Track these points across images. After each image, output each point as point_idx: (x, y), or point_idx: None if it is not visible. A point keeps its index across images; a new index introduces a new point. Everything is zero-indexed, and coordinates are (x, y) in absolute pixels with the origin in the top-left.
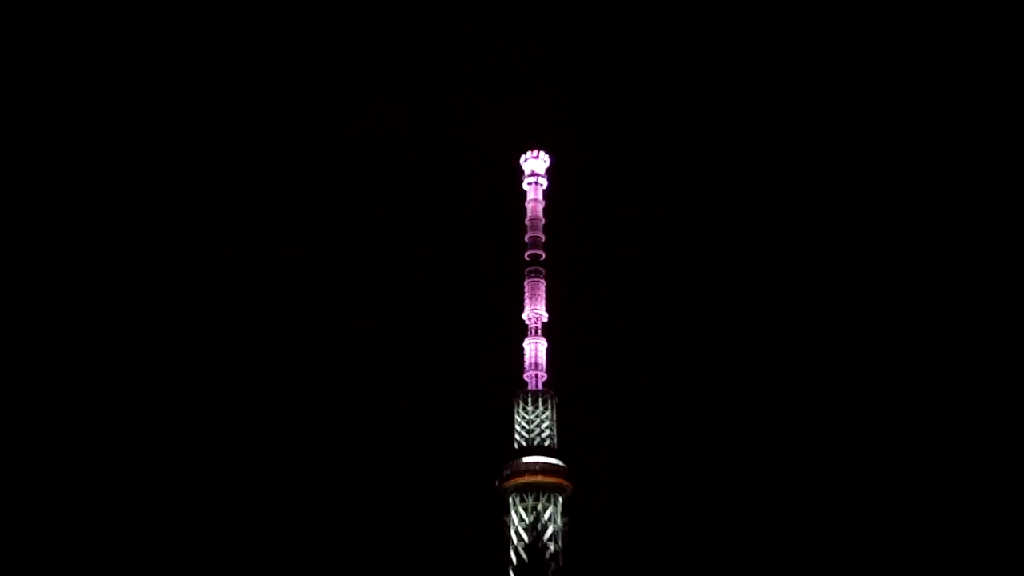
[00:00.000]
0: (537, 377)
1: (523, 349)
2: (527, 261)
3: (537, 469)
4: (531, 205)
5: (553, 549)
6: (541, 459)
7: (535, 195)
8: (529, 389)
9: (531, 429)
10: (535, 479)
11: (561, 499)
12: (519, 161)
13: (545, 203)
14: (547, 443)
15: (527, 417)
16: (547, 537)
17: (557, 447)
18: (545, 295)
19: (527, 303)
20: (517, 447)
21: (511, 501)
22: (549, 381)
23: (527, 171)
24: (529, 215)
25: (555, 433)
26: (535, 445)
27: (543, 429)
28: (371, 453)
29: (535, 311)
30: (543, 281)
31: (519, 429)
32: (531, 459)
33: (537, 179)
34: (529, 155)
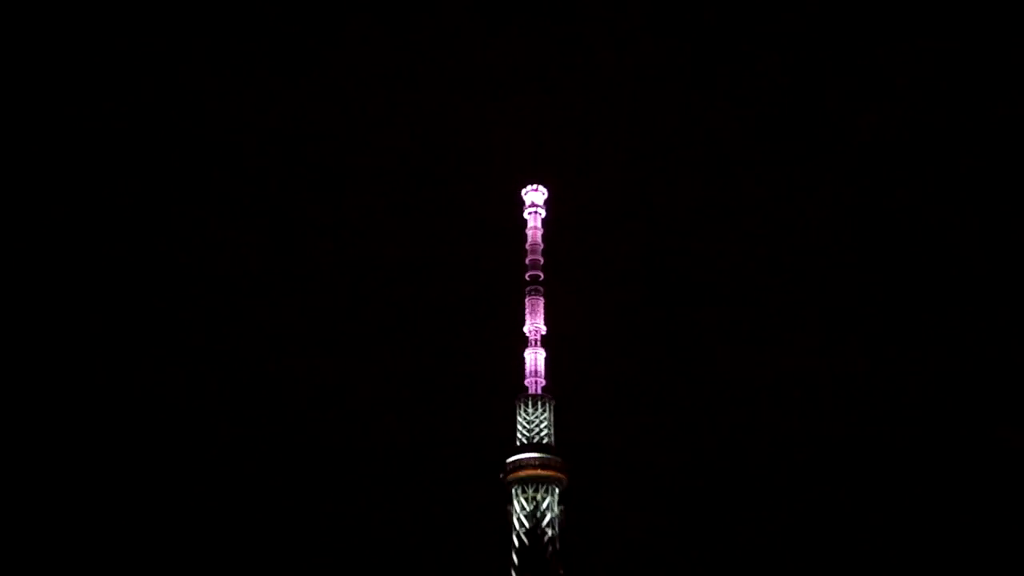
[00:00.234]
0: (536, 383)
1: (524, 358)
2: (528, 281)
3: (536, 464)
4: (531, 232)
5: (551, 534)
6: (540, 455)
7: (535, 223)
8: (529, 393)
9: (531, 429)
10: (535, 473)
11: (558, 490)
12: (521, 193)
13: (543, 230)
14: (545, 441)
15: (528, 418)
16: (545, 524)
17: (554, 444)
18: (544, 310)
19: (528, 318)
20: (519, 444)
21: (514, 492)
22: (547, 386)
23: (527, 202)
24: (529, 240)
25: (553, 432)
26: (535, 443)
27: (542, 429)
28: (389, 452)
29: (535, 325)
30: (542, 298)
31: (521, 429)
32: (531, 455)
33: (536, 209)
34: (529, 188)
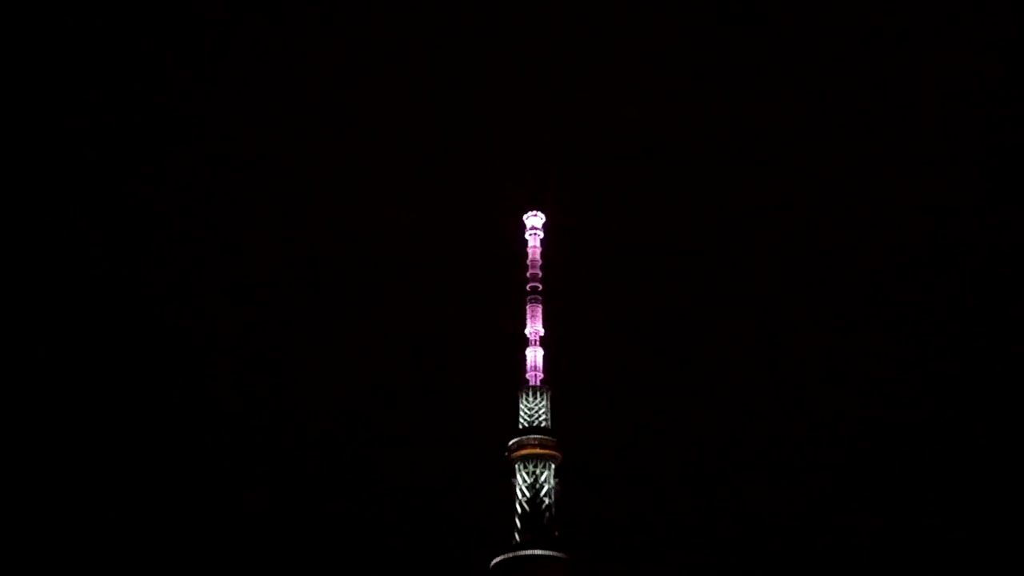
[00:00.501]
0: (536, 376)
1: (525, 356)
2: (528, 291)
3: (536, 444)
4: (531, 250)
5: (547, 503)
6: (539, 436)
7: (534, 243)
8: (530, 385)
9: (532, 414)
10: (534, 451)
11: (554, 466)
12: (522, 218)
13: (541, 248)
14: (543, 424)
15: (528, 405)
16: (543, 494)
17: (551, 427)
18: (542, 316)
19: (528, 322)
20: (521, 428)
21: (516, 468)
22: (545, 379)
23: (528, 225)
24: (530, 257)
25: (550, 417)
26: (534, 426)
27: (540, 414)
28: (409, 434)
29: (534, 328)
30: (540, 305)
31: (522, 414)
32: (531, 436)
33: (536, 231)
34: (530, 214)
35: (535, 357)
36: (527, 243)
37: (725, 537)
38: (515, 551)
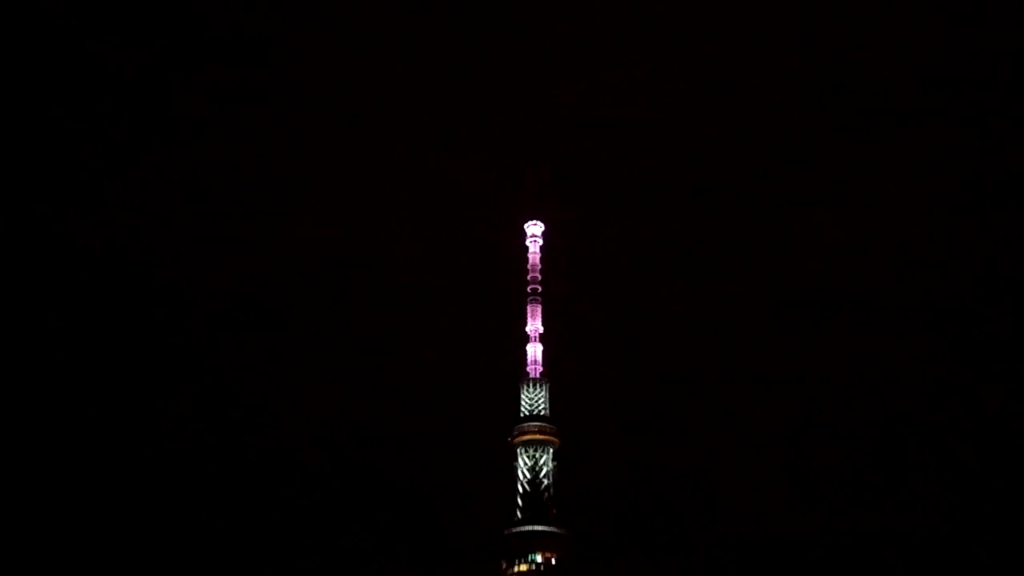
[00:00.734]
0: (536, 369)
1: (526, 351)
2: (528, 293)
3: (536, 430)
4: (531, 256)
5: (546, 483)
6: (538, 424)
7: (534, 249)
8: (530, 377)
9: (532, 403)
10: (534, 437)
11: (552, 450)
12: (523, 226)
13: (541, 254)
14: (542, 413)
15: (529, 396)
16: (542, 475)
17: (549, 415)
18: (541, 315)
19: (529, 320)
20: (522, 416)
21: (518, 452)
22: (544, 372)
23: (528, 233)
24: (530, 262)
25: (548, 406)
26: (534, 414)
27: (540, 403)
28: (421, 423)
29: (534, 326)
30: (539, 305)
31: (524, 404)
32: (532, 424)
33: (535, 238)
34: (530, 223)
35: (535, 352)
36: (527, 249)
37: (710, 516)
38: (517, 526)
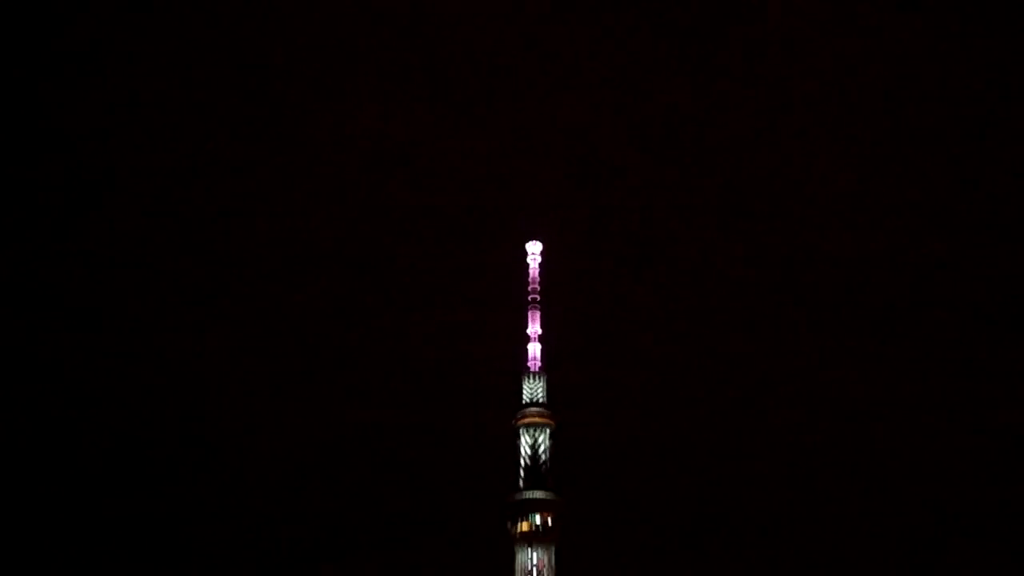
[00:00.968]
0: (535, 364)
1: (527, 349)
2: (529, 300)
3: (535, 414)
4: (531, 270)
5: (544, 459)
6: (537, 409)
7: (534, 264)
8: (531, 371)
9: (532, 392)
10: (534, 420)
11: (548, 430)
12: (525, 246)
13: (540, 269)
14: (541, 400)
15: (530, 386)
16: (540, 451)
17: (546, 402)
18: (540, 319)
19: (529, 323)
20: (524, 403)
21: (520, 432)
22: (542, 367)
23: (529, 251)
24: (530, 276)
25: (545, 394)
26: (534, 401)
27: (538, 392)
28: (433, 410)
29: (534, 328)
30: (538, 311)
31: (525, 393)
32: (532, 409)
33: (535, 255)
34: (531, 242)
35: (535, 350)
36: (528, 265)
37: (688, 486)
38: (520, 493)
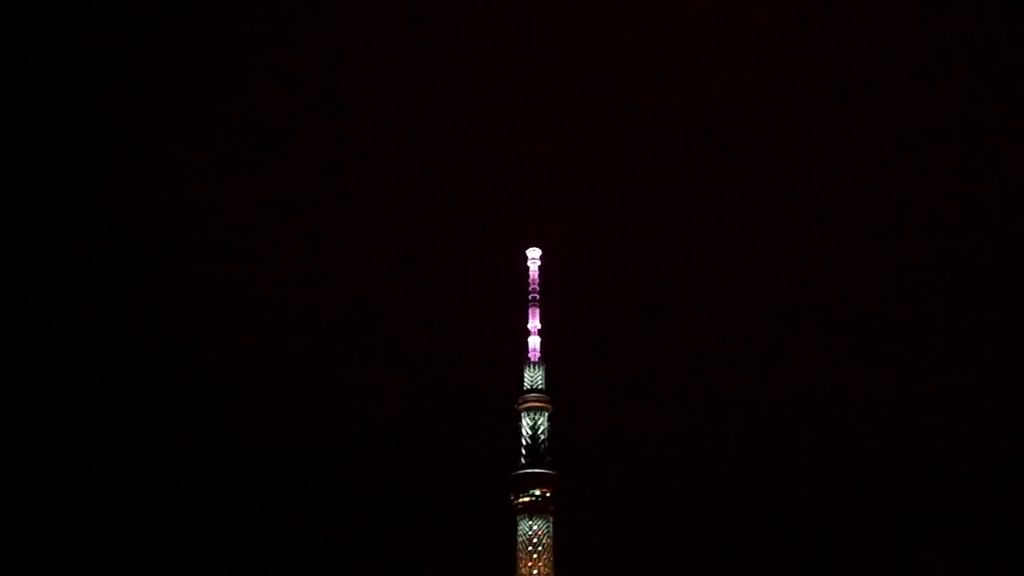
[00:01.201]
0: (535, 355)
1: (528, 342)
2: (530, 299)
3: (535, 399)
4: (532, 273)
5: (542, 438)
6: (537, 394)
7: (534, 268)
8: (531, 361)
9: (532, 380)
10: (534, 404)
11: (547, 414)
12: (526, 251)
13: (539, 272)
14: (540, 387)
15: (530, 374)
16: (539, 432)
17: (545, 388)
18: (539, 315)
19: (530, 319)
20: (525, 389)
21: (522, 415)
22: (541, 357)
23: (530, 256)
24: (531, 278)
25: (544, 382)
26: (534, 388)
27: (538, 380)
28: (448, 398)
29: (534, 323)
30: (538, 309)
31: (526, 380)
32: (532, 394)
33: (535, 260)
34: (531, 249)
35: (535, 343)
36: (529, 268)
37: (673, 463)
38: (521, 469)
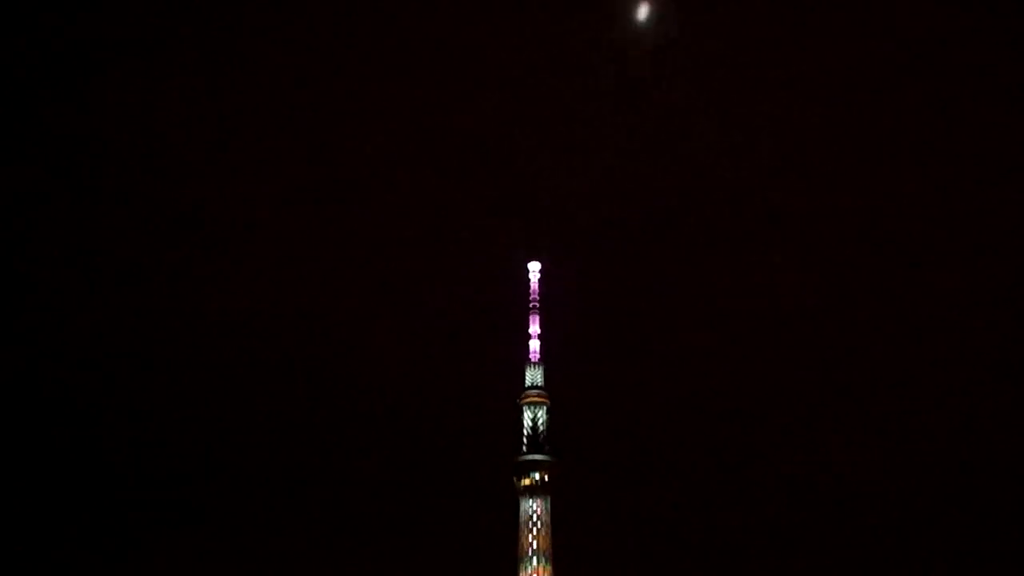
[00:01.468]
0: (536, 356)
1: (529, 345)
2: (531, 307)
3: (535, 395)
4: (532, 284)
5: (542, 430)
6: (537, 391)
7: (535, 280)
8: (532, 361)
9: (532, 378)
10: (534, 399)
11: (546, 408)
12: (527, 265)
13: (540, 283)
14: (539, 384)
15: (531, 373)
16: (539, 424)
17: (544, 385)
18: (539, 321)
19: (531, 325)
20: (526, 386)
21: (523, 409)
22: (541, 358)
23: (530, 269)
24: (532, 288)
25: (543, 379)
26: (534, 385)
27: (538, 378)
28: (455, 392)
29: (534, 328)
30: (538, 315)
31: (527, 378)
32: (532, 391)
33: (535, 272)
34: (532, 262)
35: (535, 346)
36: (530, 280)
37: (660, 451)
38: (523, 456)
